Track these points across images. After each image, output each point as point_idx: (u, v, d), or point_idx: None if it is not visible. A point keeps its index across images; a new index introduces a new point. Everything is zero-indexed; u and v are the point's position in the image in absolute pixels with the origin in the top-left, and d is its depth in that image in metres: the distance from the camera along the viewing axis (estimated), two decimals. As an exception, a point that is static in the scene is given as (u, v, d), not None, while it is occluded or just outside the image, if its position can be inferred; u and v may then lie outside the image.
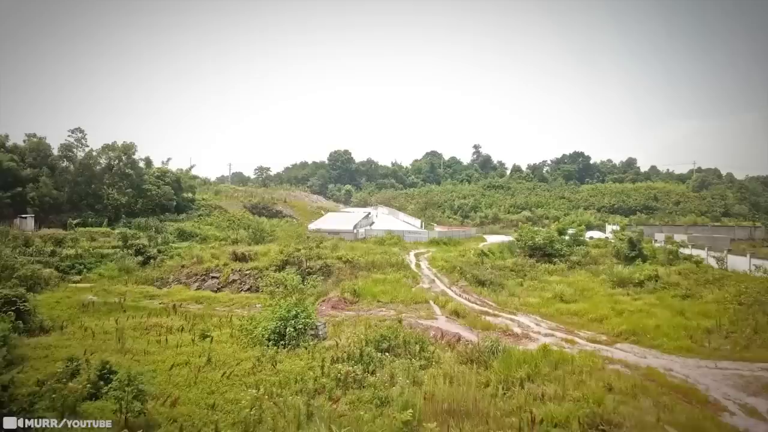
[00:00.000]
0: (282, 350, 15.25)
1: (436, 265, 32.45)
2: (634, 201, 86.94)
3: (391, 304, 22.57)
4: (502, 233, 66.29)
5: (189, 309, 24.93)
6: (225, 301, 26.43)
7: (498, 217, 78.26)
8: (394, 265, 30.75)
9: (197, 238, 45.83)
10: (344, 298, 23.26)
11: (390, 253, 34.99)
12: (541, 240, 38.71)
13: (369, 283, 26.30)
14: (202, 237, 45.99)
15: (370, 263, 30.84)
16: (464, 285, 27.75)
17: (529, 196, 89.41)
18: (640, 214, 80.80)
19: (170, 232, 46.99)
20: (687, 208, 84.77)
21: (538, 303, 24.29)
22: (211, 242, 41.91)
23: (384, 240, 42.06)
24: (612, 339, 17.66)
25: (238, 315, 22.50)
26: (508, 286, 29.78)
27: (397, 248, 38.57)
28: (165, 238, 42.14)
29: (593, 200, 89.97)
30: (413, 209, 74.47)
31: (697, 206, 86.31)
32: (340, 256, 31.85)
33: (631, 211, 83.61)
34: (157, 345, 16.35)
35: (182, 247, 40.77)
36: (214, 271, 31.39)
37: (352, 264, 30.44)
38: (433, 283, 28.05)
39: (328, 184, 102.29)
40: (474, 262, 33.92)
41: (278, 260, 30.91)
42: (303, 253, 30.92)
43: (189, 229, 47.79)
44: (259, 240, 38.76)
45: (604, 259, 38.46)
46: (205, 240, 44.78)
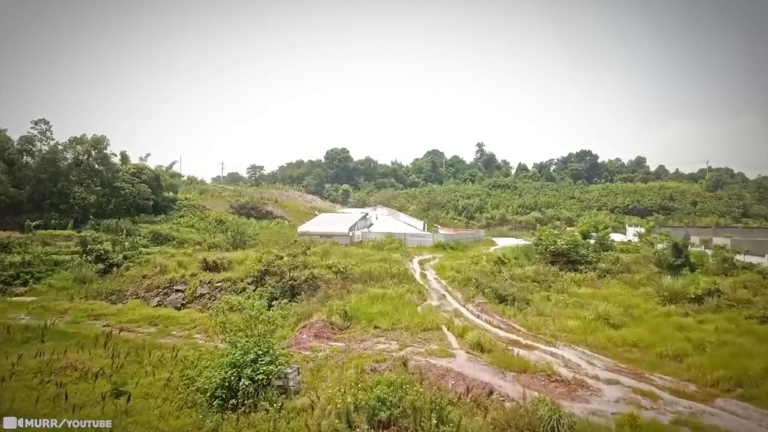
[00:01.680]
0: (230, 416, 10.12)
1: (445, 275, 27.24)
2: (649, 201, 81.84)
3: (392, 332, 17.36)
4: (512, 236, 61.15)
5: (138, 334, 19.84)
6: (185, 323, 21.27)
7: (505, 218, 73.12)
8: (395, 276, 25.56)
9: (174, 242, 40.65)
10: (332, 322, 18.04)
11: (390, 261, 29.79)
12: (564, 244, 33.58)
13: (364, 300, 21.09)
14: (180, 241, 40.79)
15: (367, 274, 25.66)
16: (482, 302, 22.53)
17: (537, 196, 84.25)
18: (657, 215, 75.71)
19: (143, 235, 41.86)
20: (705, 209, 79.70)
21: (579, 327, 19.11)
22: (188, 247, 36.71)
23: (383, 244, 36.86)
24: (707, 391, 12.47)
25: (195, 344, 17.43)
26: (534, 301, 24.63)
27: (398, 254, 33.36)
28: (134, 242, 36.91)
29: (605, 200, 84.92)
30: (415, 210, 69.27)
31: (715, 207, 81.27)
32: (330, 265, 26.66)
33: (647, 211, 78.53)
34: (52, 404, 11.20)
35: (154, 253, 35.64)
36: (180, 283, 26.20)
37: (344, 275, 25.24)
38: (444, 300, 22.84)
39: (324, 183, 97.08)
40: (490, 271, 28.74)
41: (255, 270, 25.72)
42: (286, 261, 25.72)
43: (165, 232, 42.59)
44: (239, 245, 33.54)
45: (637, 266, 33.31)
46: (182, 244, 39.60)
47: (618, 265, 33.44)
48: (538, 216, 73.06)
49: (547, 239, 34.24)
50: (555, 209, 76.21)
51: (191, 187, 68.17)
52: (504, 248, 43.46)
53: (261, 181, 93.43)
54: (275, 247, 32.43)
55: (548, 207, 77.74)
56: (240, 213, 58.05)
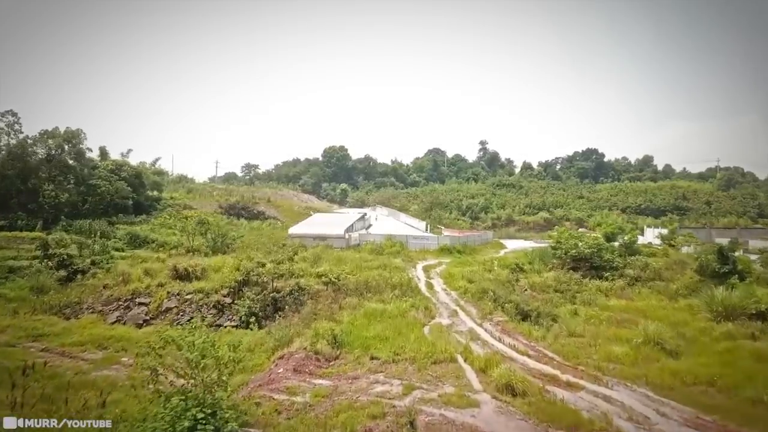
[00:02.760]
0: None
1: (455, 285, 23.37)
2: (661, 201, 78.08)
3: (394, 364, 13.53)
4: (520, 237, 57.42)
5: (79, 362, 16.09)
6: (143, 347, 17.38)
7: (512, 218, 69.34)
8: (396, 287, 21.72)
9: (153, 245, 36.79)
10: (317, 351, 14.20)
11: (391, 268, 25.97)
12: (587, 248, 29.73)
13: (359, 319, 17.26)
14: (160, 243, 36.93)
15: (363, 284, 21.82)
16: (501, 320, 18.69)
17: (544, 196, 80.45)
18: (672, 215, 71.85)
19: (119, 238, 38.07)
20: (721, 209, 75.96)
21: (627, 355, 15.25)
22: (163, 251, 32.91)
23: (383, 248, 33.03)
24: None
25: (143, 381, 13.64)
26: (562, 317, 20.80)
27: (399, 259, 29.54)
28: (104, 246, 33.06)
29: (615, 200, 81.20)
30: (416, 210, 65.46)
31: (731, 206, 77.57)
32: (321, 273, 22.83)
33: (660, 211, 74.78)
34: None
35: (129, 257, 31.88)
36: (144, 295, 22.34)
37: (336, 286, 21.40)
38: (456, 317, 18.99)
39: (322, 182, 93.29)
40: (506, 279, 24.92)
41: (232, 280, 21.88)
42: (268, 269, 21.87)
43: (144, 234, 38.77)
44: (221, 249, 29.72)
45: (671, 273, 29.48)
46: (162, 247, 35.76)
47: (648, 272, 29.62)
48: (547, 216, 69.35)
49: (567, 242, 30.40)
50: (564, 209, 72.42)
51: (180, 186, 64.35)
52: (516, 252, 39.66)
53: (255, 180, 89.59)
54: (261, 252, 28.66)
55: (556, 207, 73.97)
56: (229, 213, 54.22)
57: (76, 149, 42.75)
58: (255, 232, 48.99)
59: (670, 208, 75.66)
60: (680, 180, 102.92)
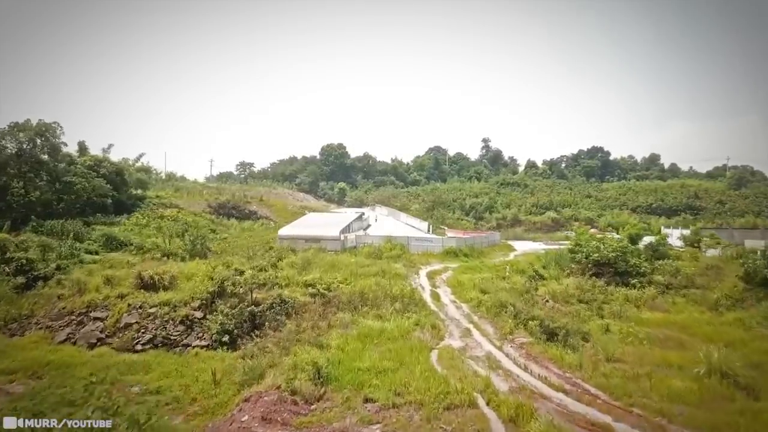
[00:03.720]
0: None
1: (465, 296, 20.05)
2: (673, 200, 74.72)
3: (395, 410, 10.27)
4: (528, 238, 54.09)
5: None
6: (84, 376, 14.12)
7: (518, 218, 65.99)
8: (397, 299, 18.45)
9: (131, 248, 33.48)
10: (294, 391, 10.92)
11: (390, 274, 22.71)
12: (611, 252, 26.49)
13: (351, 343, 14.01)
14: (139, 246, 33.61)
15: (358, 296, 18.54)
16: (524, 341, 15.42)
17: (551, 195, 77.13)
18: (685, 215, 68.63)
19: (94, 239, 34.78)
20: (736, 208, 72.67)
21: (691, 393, 12.00)
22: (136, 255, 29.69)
23: (382, 251, 29.76)
24: None
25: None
26: (593, 335, 17.57)
27: (400, 264, 26.29)
28: (73, 248, 29.79)
29: (624, 199, 77.89)
30: (418, 209, 62.13)
31: (745, 206, 74.30)
32: (309, 283, 19.57)
33: (673, 211, 71.48)
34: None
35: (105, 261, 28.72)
36: (101, 308, 19.06)
37: (326, 299, 18.13)
38: (470, 338, 15.71)
39: (319, 181, 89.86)
40: (523, 288, 21.66)
41: (204, 290, 18.61)
42: (248, 277, 18.60)
43: (122, 236, 35.46)
44: (200, 252, 26.47)
45: (706, 279, 26.23)
46: (141, 250, 32.47)
47: (679, 278, 26.40)
48: (555, 216, 66.07)
49: (588, 245, 27.16)
50: (573, 209, 69.13)
51: (168, 184, 61.05)
52: (526, 255, 36.39)
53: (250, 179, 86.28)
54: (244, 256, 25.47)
55: (564, 206, 70.67)
56: (219, 213, 50.99)
57: (50, 144, 39.43)
58: (246, 233, 45.79)
59: (682, 207, 72.34)
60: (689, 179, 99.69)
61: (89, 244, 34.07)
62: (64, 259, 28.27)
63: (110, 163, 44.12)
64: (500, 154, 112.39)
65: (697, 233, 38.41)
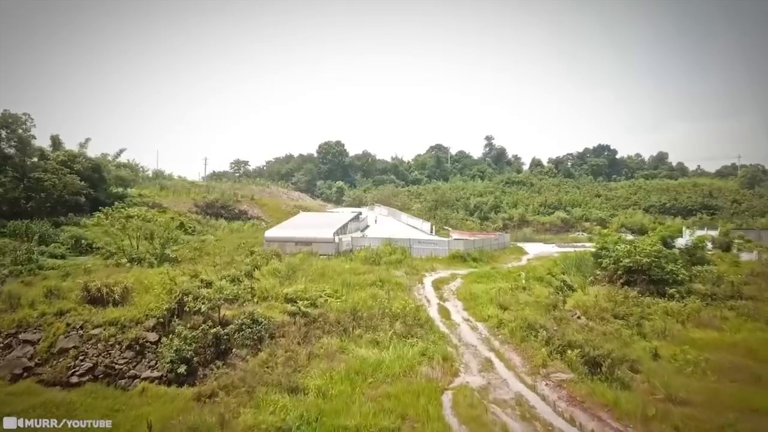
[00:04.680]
0: None
1: (482, 313, 16.45)
2: (687, 199, 71.13)
3: None
4: (538, 240, 50.56)
5: None
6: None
7: (525, 218, 62.41)
8: (398, 317, 14.90)
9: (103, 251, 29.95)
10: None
11: (390, 284, 19.21)
12: (645, 257, 22.94)
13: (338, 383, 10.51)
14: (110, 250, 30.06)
15: (350, 314, 15.00)
16: (563, 377, 11.88)
17: (559, 194, 73.60)
18: (702, 215, 65.08)
19: (62, 242, 31.34)
20: (754, 208, 69.19)
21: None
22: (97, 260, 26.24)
23: (380, 255, 26.22)
24: None
25: None
26: (643, 364, 14.03)
27: (401, 271, 22.78)
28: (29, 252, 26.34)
29: (635, 198, 74.29)
30: (420, 209, 58.62)
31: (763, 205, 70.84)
32: (291, 296, 16.04)
33: (687, 211, 67.91)
34: None
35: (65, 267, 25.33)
36: (34, 328, 15.52)
37: (309, 318, 14.59)
38: (492, 372, 12.16)
39: (316, 180, 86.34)
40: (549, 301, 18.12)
41: (159, 307, 15.09)
42: (214, 290, 15.05)
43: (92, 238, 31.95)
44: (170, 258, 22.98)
45: (756, 290, 22.67)
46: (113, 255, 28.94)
47: (723, 287, 22.84)
48: (564, 216, 62.51)
49: (618, 249, 23.64)
50: (583, 209, 65.57)
51: (155, 183, 57.53)
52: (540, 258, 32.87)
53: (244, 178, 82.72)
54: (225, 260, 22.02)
55: (573, 206, 67.12)
56: (207, 212, 47.56)
57: (17, 136, 35.98)
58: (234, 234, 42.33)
59: (697, 207, 68.76)
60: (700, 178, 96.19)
61: (56, 247, 30.60)
62: (19, 265, 24.91)
63: (86, 159, 40.57)
64: (504, 152, 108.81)
65: (727, 234, 34.85)
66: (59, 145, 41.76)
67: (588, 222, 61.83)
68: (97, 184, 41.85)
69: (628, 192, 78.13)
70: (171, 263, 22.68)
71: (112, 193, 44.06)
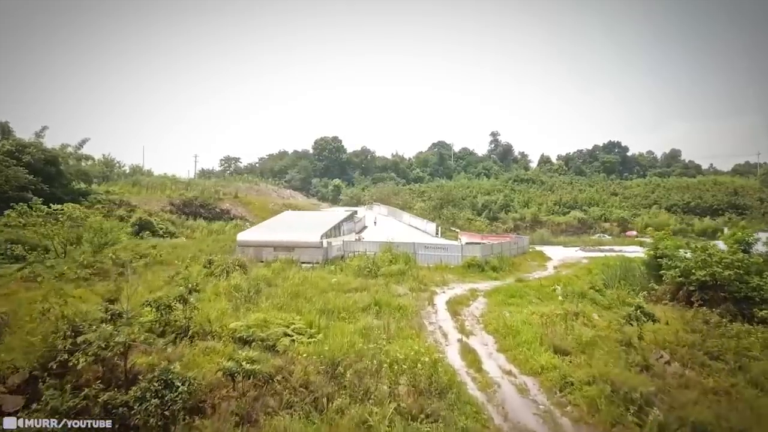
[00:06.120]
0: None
1: (528, 360, 10.87)
2: (712, 198, 65.70)
3: None
4: (557, 243, 45.14)
5: None
6: None
7: (538, 218, 57.02)
8: (405, 372, 9.37)
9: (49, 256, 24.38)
10: None
11: (390, 308, 13.76)
12: (725, 268, 17.46)
13: None
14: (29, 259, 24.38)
15: (328, 367, 9.47)
16: None
17: (572, 192, 68.20)
18: (730, 215, 59.67)
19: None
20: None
21: None
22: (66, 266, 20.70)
23: (378, 264, 20.77)
24: None
25: None
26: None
27: (404, 287, 17.33)
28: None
29: (655, 197, 68.91)
30: (423, 208, 53.24)
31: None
32: (239, 334, 10.56)
33: (714, 210, 62.53)
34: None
35: None
36: None
37: (257, 379, 9.05)
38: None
39: (312, 178, 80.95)
40: (622, 334, 12.61)
41: (31, 352, 9.59)
42: (123, 323, 9.53)
43: (31, 239, 26.40)
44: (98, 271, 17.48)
45: None
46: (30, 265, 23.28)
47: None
48: (581, 216, 57.12)
49: (687, 258, 18.17)
50: (602, 208, 60.17)
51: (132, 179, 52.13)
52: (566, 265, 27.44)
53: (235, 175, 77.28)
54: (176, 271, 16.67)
55: (590, 205, 61.72)
56: (183, 212, 42.15)
57: (-48, 122, 30.59)
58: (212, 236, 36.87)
59: (724, 206, 63.34)
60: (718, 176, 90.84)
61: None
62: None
63: (39, 150, 35.11)
64: (510, 149, 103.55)
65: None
66: (8, 133, 36.38)
67: (607, 222, 56.44)
68: (54, 179, 36.45)
69: (646, 190, 72.76)
70: (101, 277, 17.21)
71: (73, 189, 38.64)
